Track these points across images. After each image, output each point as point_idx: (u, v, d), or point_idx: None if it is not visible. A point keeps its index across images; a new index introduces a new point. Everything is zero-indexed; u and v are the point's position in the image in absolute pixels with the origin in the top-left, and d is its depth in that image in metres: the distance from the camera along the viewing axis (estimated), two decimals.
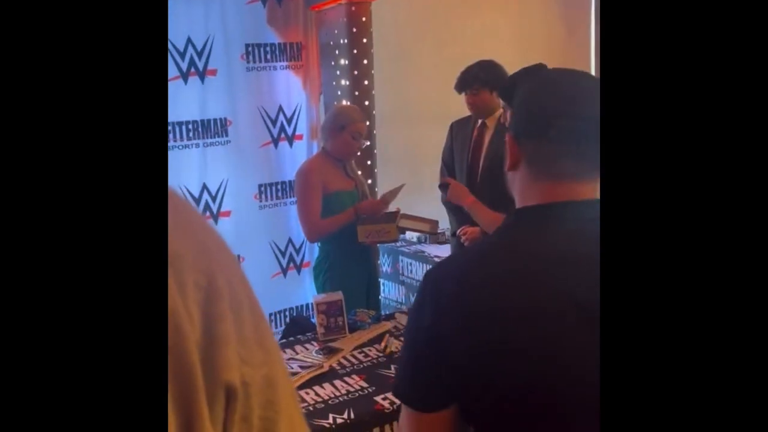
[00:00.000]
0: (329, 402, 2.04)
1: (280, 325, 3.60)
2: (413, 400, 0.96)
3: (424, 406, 0.95)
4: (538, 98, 0.98)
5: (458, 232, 3.08)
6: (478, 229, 2.93)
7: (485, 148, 3.07)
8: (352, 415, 1.96)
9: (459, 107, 3.12)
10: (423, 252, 3.78)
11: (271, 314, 3.62)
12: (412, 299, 3.62)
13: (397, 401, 1.01)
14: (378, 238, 2.84)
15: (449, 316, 0.91)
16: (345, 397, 2.07)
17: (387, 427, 1.98)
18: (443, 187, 3.10)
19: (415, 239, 4.00)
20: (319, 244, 3.03)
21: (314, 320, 2.61)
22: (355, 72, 3.43)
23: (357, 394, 2.08)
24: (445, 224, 3.40)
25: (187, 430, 0.42)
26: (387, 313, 3.02)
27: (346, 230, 2.83)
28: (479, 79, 2.97)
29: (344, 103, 3.42)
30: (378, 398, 2.04)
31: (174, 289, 0.41)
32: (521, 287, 0.90)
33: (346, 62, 3.43)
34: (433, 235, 3.14)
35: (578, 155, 0.93)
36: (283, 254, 3.64)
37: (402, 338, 1.07)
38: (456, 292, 0.93)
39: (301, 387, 2.15)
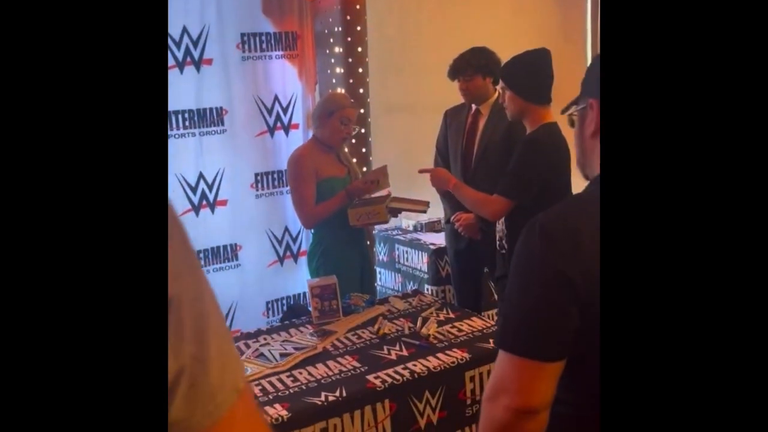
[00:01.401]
0: (322, 381, 2.08)
1: (278, 314, 3.64)
2: (535, 350, 0.96)
3: (547, 354, 0.96)
4: None
5: (452, 218, 3.11)
6: (472, 215, 2.97)
7: (479, 134, 3.10)
8: (344, 393, 1.99)
9: (454, 95, 3.15)
10: (419, 240, 3.81)
11: (268, 302, 3.66)
12: (408, 287, 3.68)
13: (383, 379, 1.02)
14: (368, 220, 2.87)
15: (566, 261, 0.95)
16: (338, 377, 2.10)
17: (378, 405, 2.02)
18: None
19: (411, 228, 4.04)
20: (312, 230, 3.06)
21: (311, 308, 2.65)
22: (350, 60, 3.45)
23: (349, 374, 2.12)
24: (439, 212, 3.43)
25: None
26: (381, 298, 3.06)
27: (338, 216, 2.86)
28: (472, 65, 3.00)
29: (339, 91, 3.44)
30: (370, 377, 2.08)
31: None
32: None
33: (341, 50, 3.45)
34: (423, 213, 3.15)
35: None
36: (280, 243, 3.66)
37: (506, 295, 1.05)
38: (568, 237, 0.96)
39: (294, 367, 2.19)
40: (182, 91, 3.25)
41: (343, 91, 3.43)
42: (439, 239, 3.68)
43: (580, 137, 1.11)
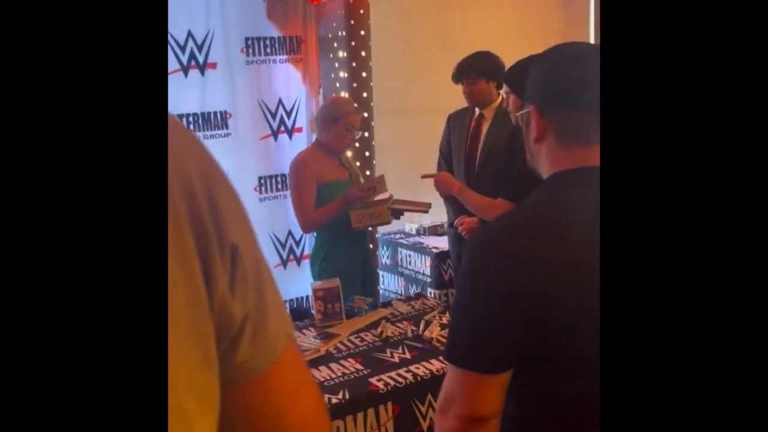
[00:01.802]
0: (324, 384, 2.09)
1: None
2: (481, 363, 0.97)
3: (493, 367, 0.97)
4: (565, 72, 1.04)
5: (455, 222, 3.11)
6: (476, 219, 2.98)
7: (483, 138, 3.11)
8: (347, 396, 2.00)
9: (458, 99, 3.15)
10: (422, 244, 3.82)
11: None
12: (411, 290, 3.71)
13: (384, 382, 1.02)
14: (371, 221, 2.89)
15: (514, 274, 0.95)
16: (340, 379, 2.12)
17: (381, 408, 2.03)
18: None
19: (414, 231, 4.05)
20: (315, 233, 3.08)
21: (313, 311, 2.66)
22: (354, 64, 3.47)
23: (352, 376, 2.13)
24: (441, 216, 3.45)
25: (206, 277, 0.52)
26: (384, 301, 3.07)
27: (340, 220, 2.87)
28: (475, 68, 3.01)
29: (342, 95, 3.46)
30: (373, 380, 2.09)
31: (185, 175, 0.51)
32: (575, 240, 0.95)
33: (345, 54, 3.48)
34: (425, 213, 3.19)
35: None
36: (284, 246, 3.68)
37: (451, 308, 1.07)
38: (518, 250, 0.96)
39: None
40: (187, 94, 3.28)
41: (346, 95, 3.45)
42: (442, 243, 3.70)
43: (527, 141, 1.13)
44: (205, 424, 0.52)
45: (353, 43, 3.46)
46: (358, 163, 3.37)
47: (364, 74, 3.51)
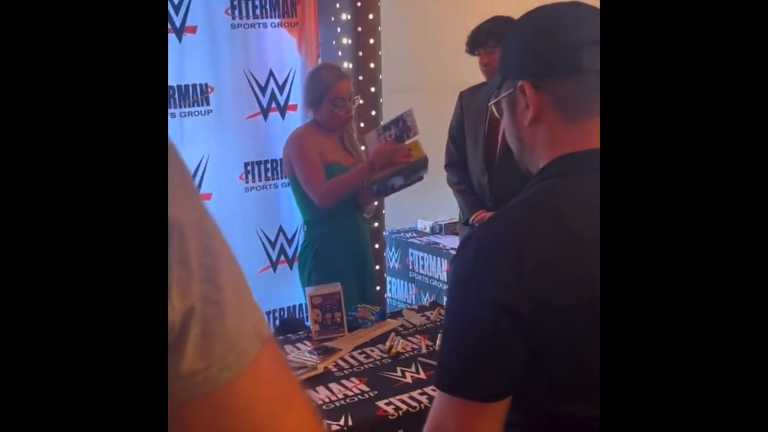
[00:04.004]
0: (323, 407, 2.07)
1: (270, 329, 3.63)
2: (476, 390, 0.97)
3: (491, 394, 0.97)
4: (559, 31, 1.05)
5: (472, 219, 3.08)
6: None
7: None
8: (350, 422, 1.98)
9: (479, 75, 3.12)
10: (437, 244, 3.82)
11: None
12: (424, 299, 3.69)
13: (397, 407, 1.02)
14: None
15: (513, 288, 0.95)
16: (342, 402, 2.10)
17: None
18: (450, 167, 3.20)
19: (427, 229, 4.04)
20: (305, 227, 3.07)
21: (308, 323, 2.64)
22: (359, 29, 3.45)
23: (356, 399, 2.12)
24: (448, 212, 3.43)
25: None
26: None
27: (334, 211, 2.86)
28: (494, 34, 2.93)
29: (345, 65, 3.44)
30: (381, 403, 2.08)
31: None
32: (589, 238, 0.94)
33: (349, 17, 3.46)
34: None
35: None
36: (273, 245, 3.66)
37: (442, 325, 1.10)
38: (518, 258, 0.96)
39: None
40: None
41: (350, 66, 3.43)
42: None
43: (515, 127, 1.13)
44: None
45: (359, 4, 3.44)
46: (363, 147, 3.33)
47: (371, 41, 3.49)
